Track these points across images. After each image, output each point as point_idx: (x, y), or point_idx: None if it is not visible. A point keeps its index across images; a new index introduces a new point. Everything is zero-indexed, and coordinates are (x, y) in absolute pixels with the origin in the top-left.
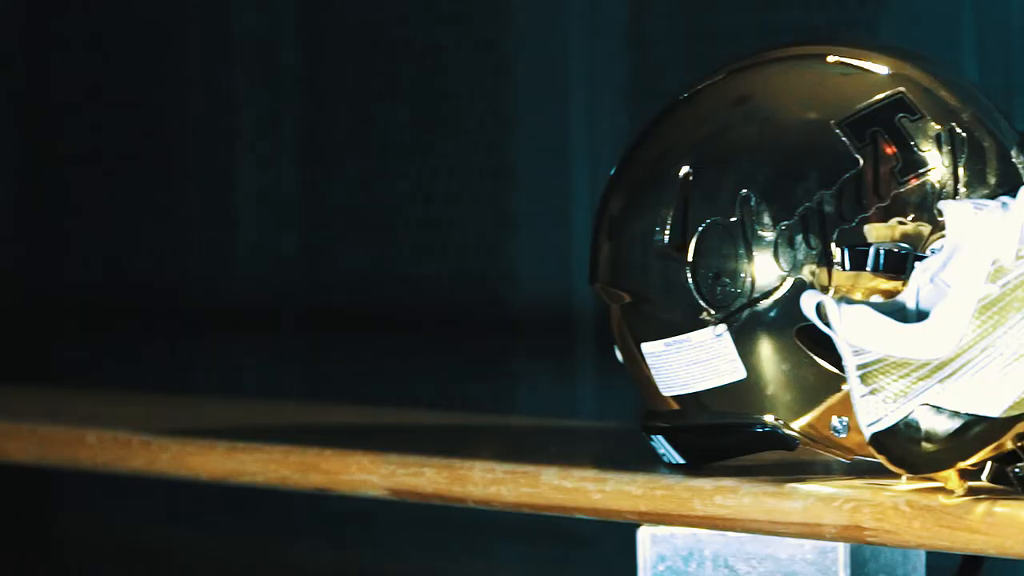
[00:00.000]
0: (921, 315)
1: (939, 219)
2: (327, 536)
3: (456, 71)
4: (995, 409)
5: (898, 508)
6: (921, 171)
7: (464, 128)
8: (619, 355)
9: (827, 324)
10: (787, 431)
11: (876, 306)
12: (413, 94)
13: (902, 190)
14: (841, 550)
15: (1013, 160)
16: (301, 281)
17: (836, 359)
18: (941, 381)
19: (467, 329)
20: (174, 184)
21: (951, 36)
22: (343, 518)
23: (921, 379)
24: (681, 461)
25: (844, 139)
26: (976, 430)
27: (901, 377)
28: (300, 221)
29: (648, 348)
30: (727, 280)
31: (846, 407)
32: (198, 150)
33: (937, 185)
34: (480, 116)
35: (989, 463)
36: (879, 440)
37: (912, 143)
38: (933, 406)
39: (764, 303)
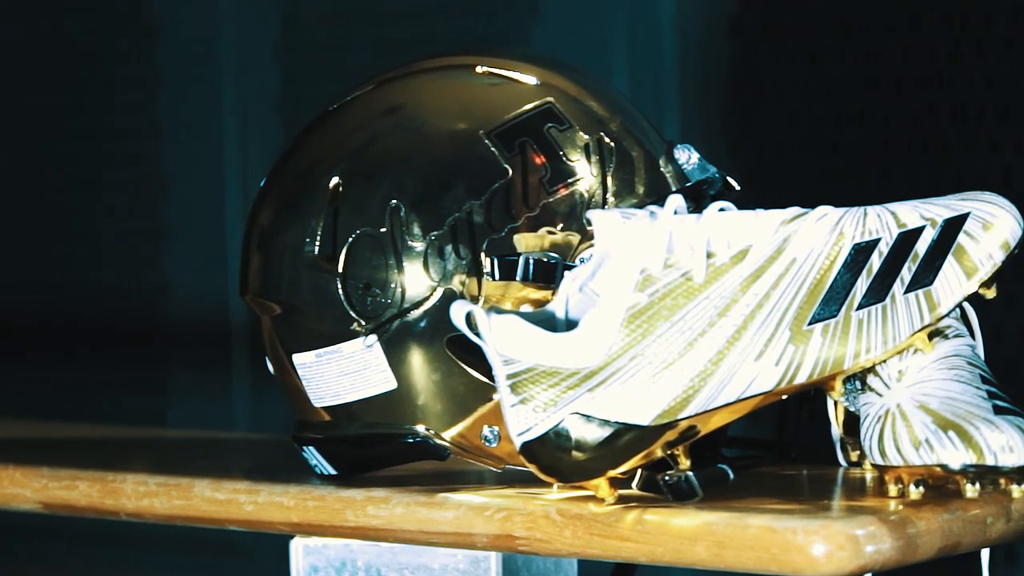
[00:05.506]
0: (571, 324)
1: (588, 228)
2: None
3: (108, 83)
4: (644, 417)
5: (549, 517)
6: (570, 180)
7: (116, 140)
8: (270, 366)
9: (477, 334)
10: (438, 441)
11: (526, 315)
12: (68, 108)
13: (551, 200)
14: (493, 559)
15: (661, 169)
16: None
17: (487, 369)
18: (590, 390)
19: (121, 341)
20: None
21: (602, 47)
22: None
23: (571, 388)
24: (333, 472)
25: (493, 149)
26: (626, 438)
27: (551, 386)
28: None
29: (299, 359)
30: (377, 290)
31: (497, 417)
32: None
33: (586, 194)
34: (132, 128)
35: (639, 471)
36: (530, 449)
37: (561, 153)
38: (583, 415)
39: (414, 313)
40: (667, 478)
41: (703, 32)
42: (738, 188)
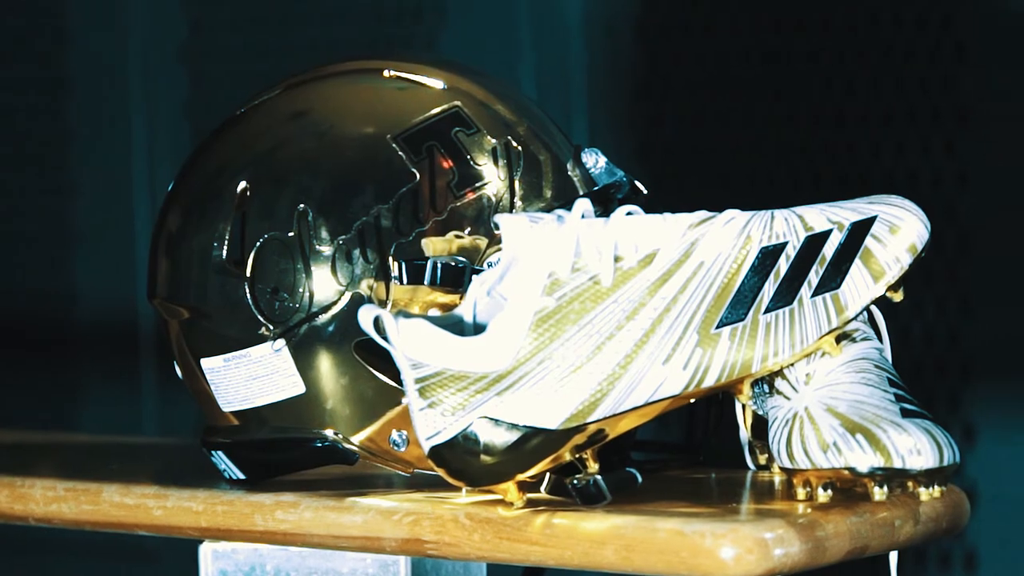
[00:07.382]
0: (479, 328)
1: (496, 232)
2: None
3: (16, 87)
4: (553, 421)
5: (458, 521)
6: (477, 184)
7: (24, 143)
8: (179, 371)
9: (385, 338)
10: (347, 445)
11: (434, 320)
12: None
13: (459, 204)
14: (402, 563)
15: (569, 173)
16: None
17: (395, 373)
18: (499, 394)
19: (29, 346)
20: None
21: (509, 51)
22: None
23: (479, 392)
24: (242, 476)
25: (400, 153)
26: (534, 442)
27: (459, 390)
28: None
29: (208, 364)
30: (285, 295)
31: (405, 421)
32: None
33: (494, 198)
34: (40, 131)
35: (548, 475)
36: (438, 453)
37: (468, 157)
38: (491, 419)
39: (323, 318)
40: (575, 482)
41: (609, 35)
42: (646, 192)
